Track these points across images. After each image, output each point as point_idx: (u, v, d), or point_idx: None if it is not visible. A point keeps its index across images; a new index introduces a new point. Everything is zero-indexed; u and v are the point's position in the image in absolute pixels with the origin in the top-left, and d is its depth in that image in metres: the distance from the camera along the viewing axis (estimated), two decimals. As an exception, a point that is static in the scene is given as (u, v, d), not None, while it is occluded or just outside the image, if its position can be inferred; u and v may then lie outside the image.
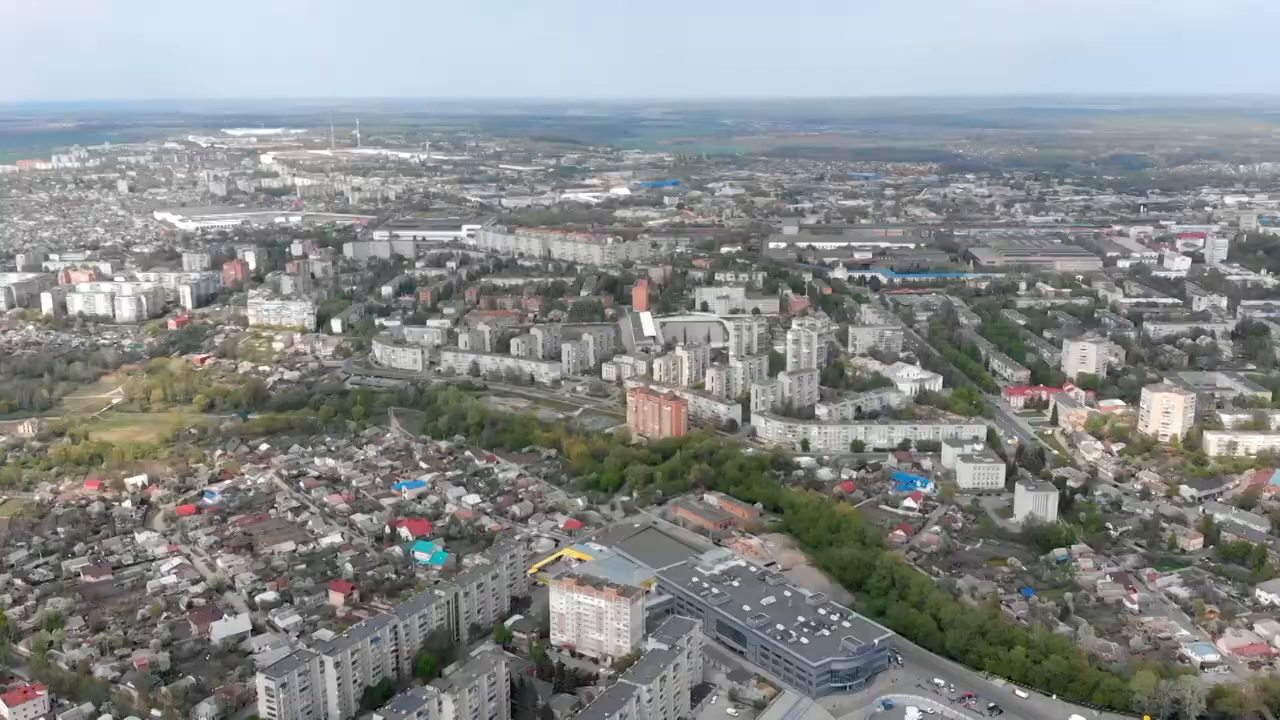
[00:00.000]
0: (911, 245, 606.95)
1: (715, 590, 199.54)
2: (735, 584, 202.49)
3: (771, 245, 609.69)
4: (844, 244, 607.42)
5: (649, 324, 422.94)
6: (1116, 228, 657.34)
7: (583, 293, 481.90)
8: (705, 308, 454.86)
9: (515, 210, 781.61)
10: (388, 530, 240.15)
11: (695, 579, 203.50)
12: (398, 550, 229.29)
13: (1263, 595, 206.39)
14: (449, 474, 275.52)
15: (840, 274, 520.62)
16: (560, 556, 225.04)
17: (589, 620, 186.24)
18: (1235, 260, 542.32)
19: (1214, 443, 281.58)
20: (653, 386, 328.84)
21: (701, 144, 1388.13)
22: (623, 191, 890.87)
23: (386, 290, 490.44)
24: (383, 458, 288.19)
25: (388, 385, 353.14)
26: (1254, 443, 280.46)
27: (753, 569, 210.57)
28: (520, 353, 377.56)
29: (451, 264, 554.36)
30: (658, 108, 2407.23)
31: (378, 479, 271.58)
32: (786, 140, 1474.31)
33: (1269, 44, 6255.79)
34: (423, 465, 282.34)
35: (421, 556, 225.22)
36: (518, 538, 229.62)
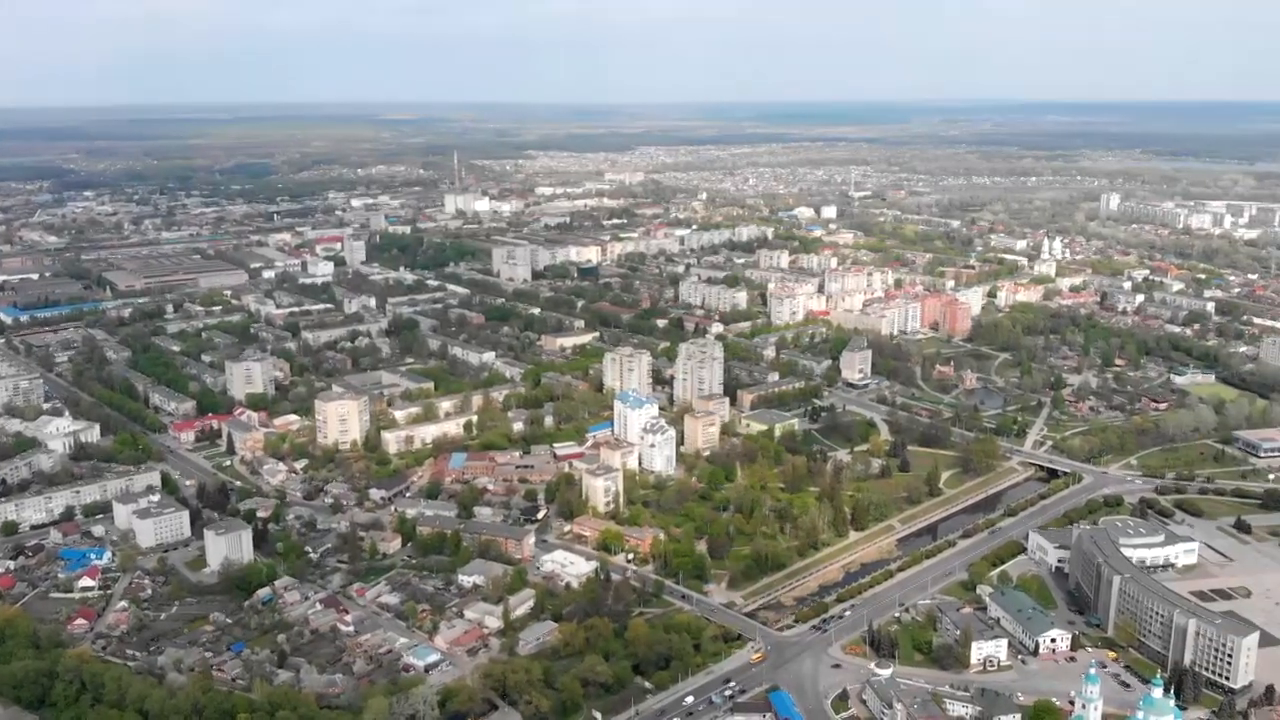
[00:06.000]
0: (35, 275, 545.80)
1: None
2: None
3: None
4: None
5: None
6: (254, 238, 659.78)
7: None
8: None
9: None
10: None
11: None
12: None
13: (464, 579, 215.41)
14: None
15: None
16: None
17: None
18: (374, 260, 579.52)
19: (392, 440, 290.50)
20: None
21: None
22: None
23: None
24: None
25: None
26: (428, 433, 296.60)
27: None
28: None
29: None
30: None
31: None
32: None
33: (366, 56, 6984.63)
34: None
35: None
36: None
